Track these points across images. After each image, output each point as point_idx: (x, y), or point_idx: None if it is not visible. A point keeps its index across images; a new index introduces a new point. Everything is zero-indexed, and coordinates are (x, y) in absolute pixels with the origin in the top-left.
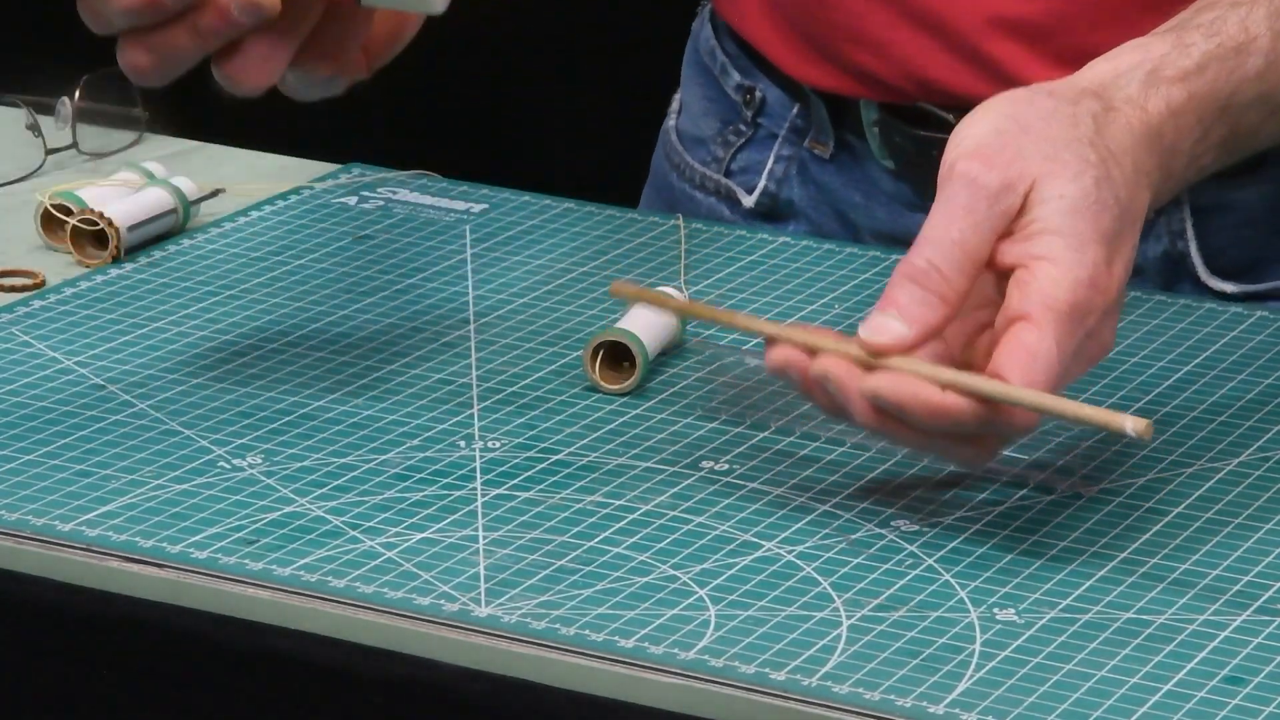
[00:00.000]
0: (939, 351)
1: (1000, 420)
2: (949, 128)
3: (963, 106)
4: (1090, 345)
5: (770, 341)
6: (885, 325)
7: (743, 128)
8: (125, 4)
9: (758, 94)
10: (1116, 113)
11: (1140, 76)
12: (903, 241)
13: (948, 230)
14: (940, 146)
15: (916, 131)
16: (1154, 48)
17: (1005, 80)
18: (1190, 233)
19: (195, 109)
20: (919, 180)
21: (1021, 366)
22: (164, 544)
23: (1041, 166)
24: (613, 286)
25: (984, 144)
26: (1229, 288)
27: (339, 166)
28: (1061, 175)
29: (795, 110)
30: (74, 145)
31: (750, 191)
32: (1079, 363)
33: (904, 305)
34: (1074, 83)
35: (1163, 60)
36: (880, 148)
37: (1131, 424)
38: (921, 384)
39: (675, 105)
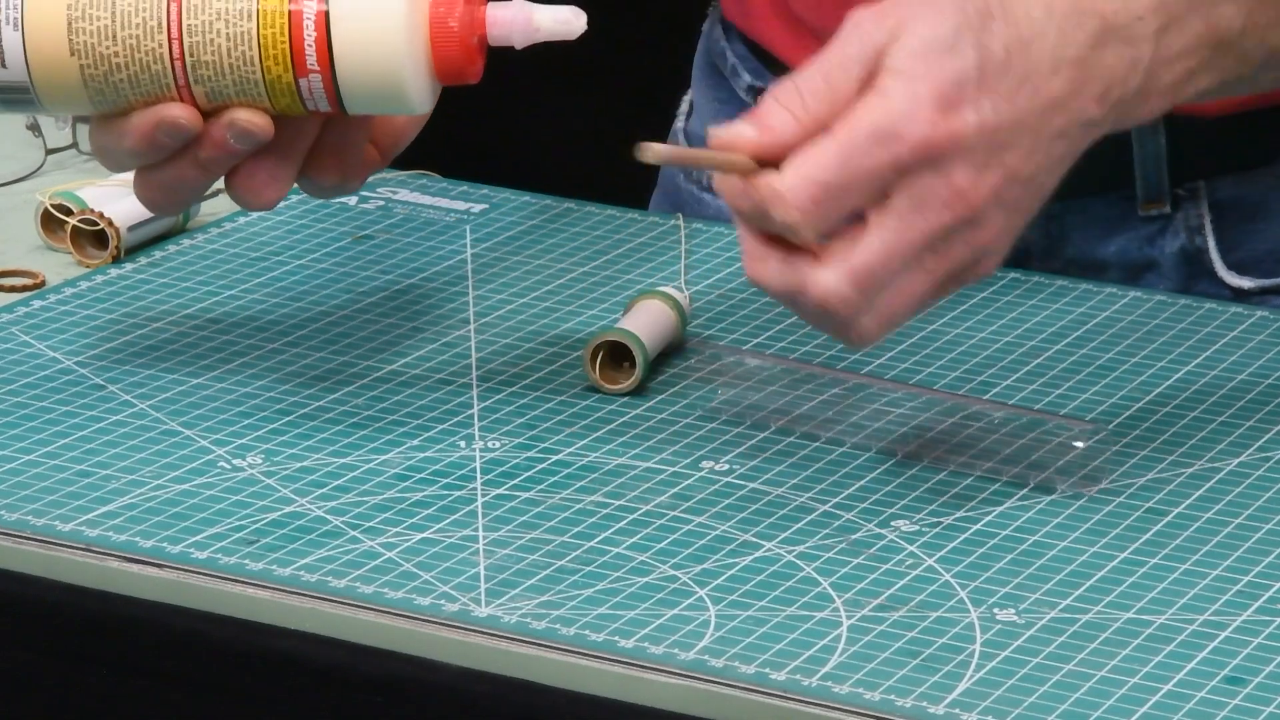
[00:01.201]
0: None
1: (761, 215)
2: None
3: None
4: (965, 236)
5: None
6: (735, 127)
7: None
8: (129, 146)
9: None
10: None
11: None
12: None
13: (816, 61)
14: None
15: None
16: None
17: None
18: (1209, 228)
19: None
20: None
21: (797, 162)
22: (164, 544)
23: (912, 10)
24: (641, 149)
25: None
26: (1247, 283)
27: None
28: (924, 18)
29: None
30: (74, 145)
31: None
32: (948, 249)
33: (757, 115)
34: None
35: None
36: None
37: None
38: (731, 181)
39: (684, 107)
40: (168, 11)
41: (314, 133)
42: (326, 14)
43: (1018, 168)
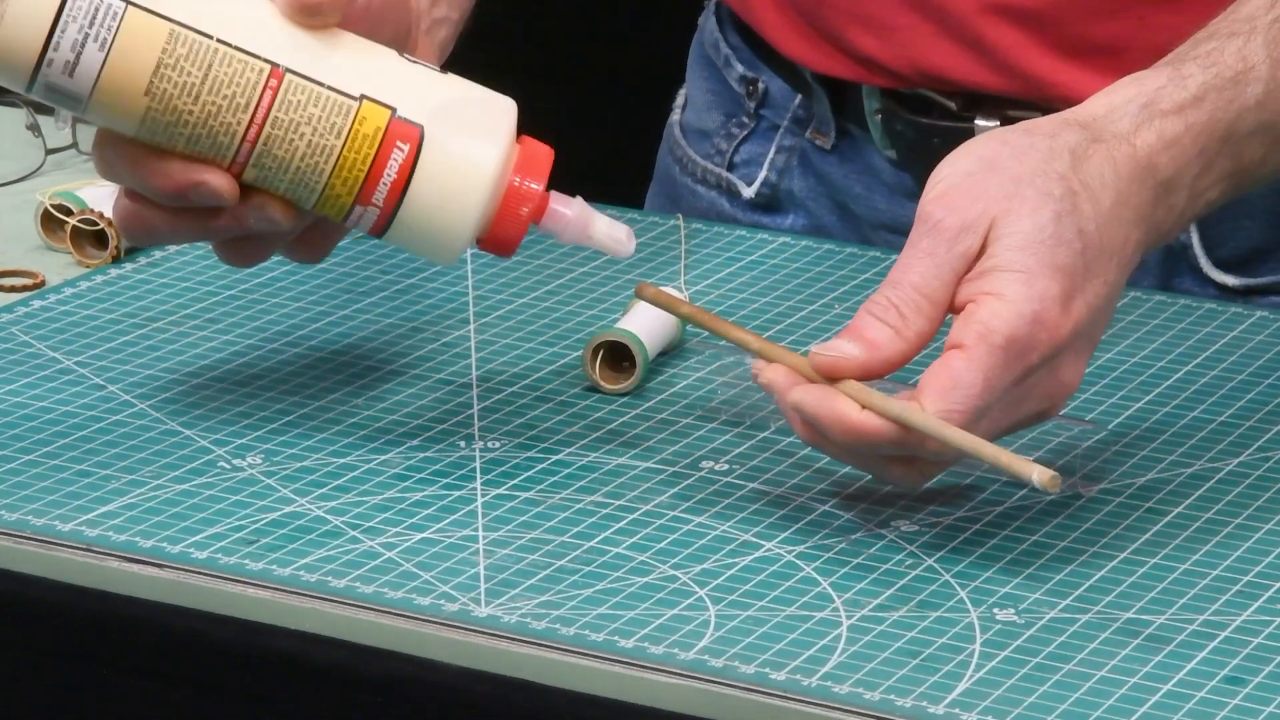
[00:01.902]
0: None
1: (914, 446)
2: (951, 115)
3: (965, 93)
4: (1045, 382)
5: (760, 359)
6: (836, 345)
7: (745, 120)
8: (151, 183)
9: (760, 85)
10: (1100, 145)
11: (1134, 110)
12: (903, 232)
13: (907, 273)
14: (942, 135)
15: (918, 119)
16: (1149, 81)
17: (1006, 68)
18: (1192, 224)
19: None
20: (920, 170)
21: (940, 392)
22: (164, 544)
23: (1000, 205)
24: (638, 288)
25: (952, 186)
26: (1230, 280)
27: None
28: (1018, 211)
29: (797, 101)
30: (74, 145)
31: (750, 183)
32: (1029, 399)
33: (858, 333)
34: (1062, 116)
35: (1158, 93)
36: (882, 136)
37: (1038, 475)
38: (842, 401)
39: (680, 100)
40: (260, 96)
41: (310, 221)
42: (414, 163)
43: (1100, 335)
